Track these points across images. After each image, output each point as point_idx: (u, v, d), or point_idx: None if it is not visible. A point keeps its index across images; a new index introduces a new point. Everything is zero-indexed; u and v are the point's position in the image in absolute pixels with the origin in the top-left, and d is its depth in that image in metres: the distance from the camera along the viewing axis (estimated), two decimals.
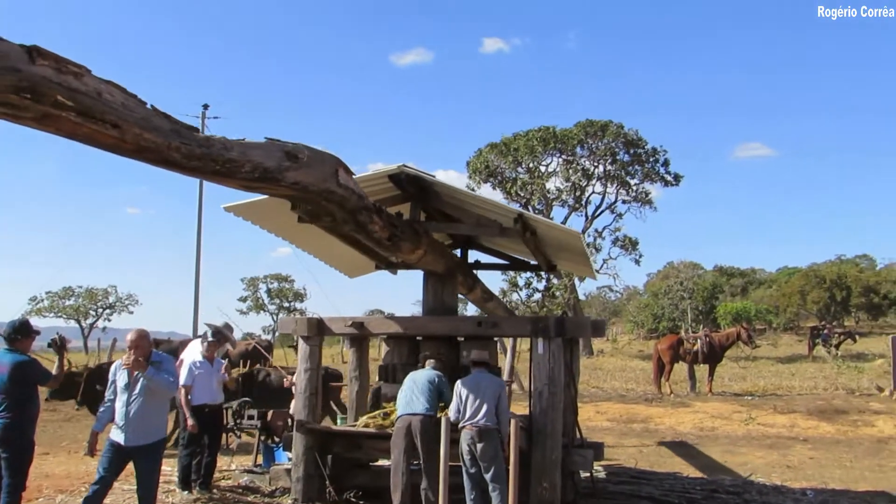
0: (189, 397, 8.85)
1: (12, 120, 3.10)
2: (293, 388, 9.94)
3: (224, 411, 9.73)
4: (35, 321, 8.90)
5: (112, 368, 6.80)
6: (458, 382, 7.78)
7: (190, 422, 8.74)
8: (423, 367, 8.33)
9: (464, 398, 7.56)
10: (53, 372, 7.23)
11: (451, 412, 7.57)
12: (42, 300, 57.29)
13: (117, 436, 6.51)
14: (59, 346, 7.23)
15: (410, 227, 7.45)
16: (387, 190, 8.60)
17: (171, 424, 12.62)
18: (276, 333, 59.64)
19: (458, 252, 10.61)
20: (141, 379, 6.47)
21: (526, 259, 11.67)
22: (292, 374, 12.65)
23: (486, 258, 11.43)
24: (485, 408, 7.42)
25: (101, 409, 6.76)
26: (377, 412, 8.94)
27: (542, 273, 24.08)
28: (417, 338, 9.24)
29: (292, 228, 8.66)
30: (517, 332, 9.38)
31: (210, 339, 9.35)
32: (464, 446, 7.44)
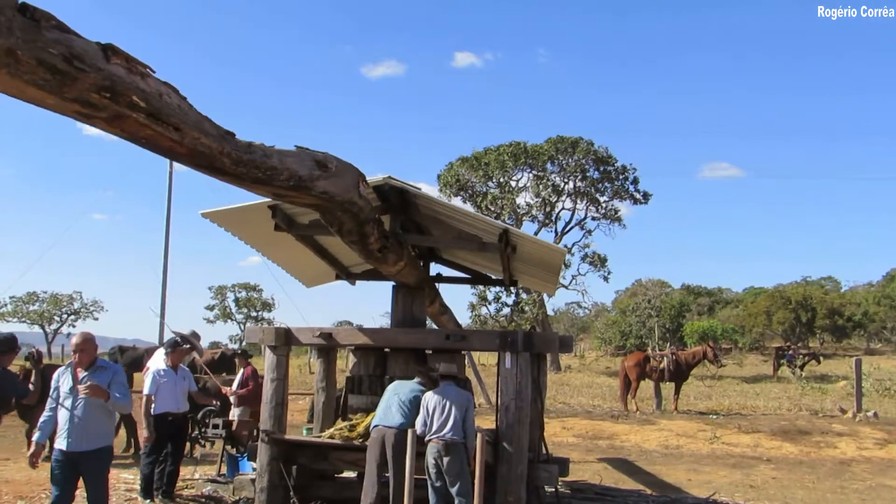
0: (153, 406, 8.77)
1: (84, 120, 3.00)
2: (231, 397, 9.85)
3: (188, 420, 9.61)
4: None
5: (56, 374, 6.55)
6: (425, 395, 7.77)
7: (146, 433, 8.67)
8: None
9: (430, 411, 7.55)
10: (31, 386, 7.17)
11: (418, 425, 7.54)
12: (6, 305, 56.47)
13: (61, 443, 6.29)
14: (35, 360, 7.20)
15: (396, 239, 7.46)
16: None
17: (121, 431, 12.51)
18: (243, 342, 59.32)
19: (420, 264, 10.63)
20: (84, 382, 6.27)
21: (488, 273, 11.71)
22: (229, 384, 12.59)
23: (447, 271, 11.42)
24: (451, 421, 7.42)
25: (43, 419, 6.45)
26: (343, 424, 8.90)
27: (511, 288, 24.19)
28: (385, 350, 9.23)
29: (261, 237, 8.64)
30: (485, 345, 9.37)
31: (172, 347, 9.26)
32: (430, 460, 7.42)
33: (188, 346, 10.02)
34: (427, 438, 7.47)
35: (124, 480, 9.90)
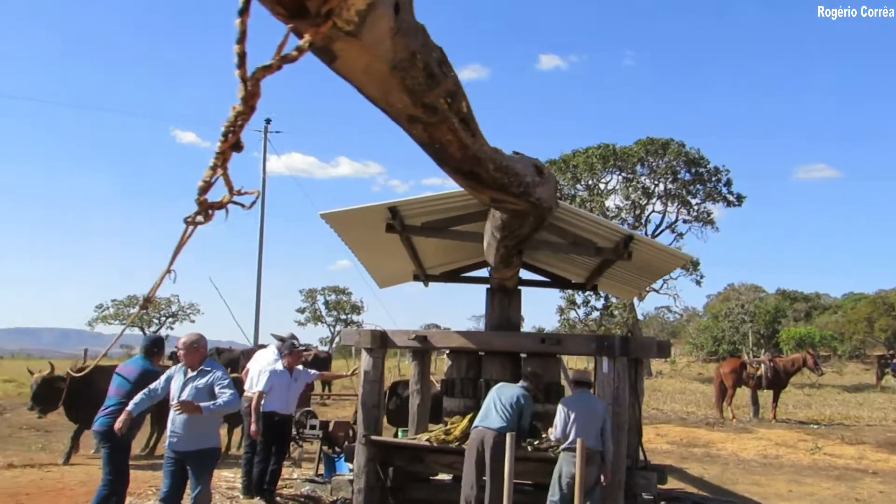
0: (262, 403, 8.94)
1: (410, 125, 2.87)
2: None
3: (292, 422, 9.73)
4: (100, 328, 9.34)
5: (171, 370, 7.00)
6: (562, 401, 7.65)
7: (253, 428, 8.83)
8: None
9: (570, 419, 7.37)
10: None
11: (556, 431, 7.41)
12: (107, 308, 58.70)
13: (169, 441, 6.71)
14: (178, 359, 7.64)
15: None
16: (467, 206, 8.52)
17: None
18: (333, 345, 60.24)
19: None
20: (189, 386, 6.65)
21: (565, 276, 11.56)
22: None
23: (525, 274, 11.25)
24: (592, 430, 7.28)
25: (143, 395, 6.91)
26: (439, 427, 8.94)
27: (600, 292, 23.91)
28: (479, 353, 9.23)
29: (356, 239, 8.74)
30: (580, 349, 9.28)
31: (290, 349, 9.41)
32: (565, 468, 7.26)
33: (304, 348, 10.22)
34: (564, 446, 7.33)
35: (225, 479, 10.14)
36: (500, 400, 7.76)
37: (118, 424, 6.69)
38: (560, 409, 7.54)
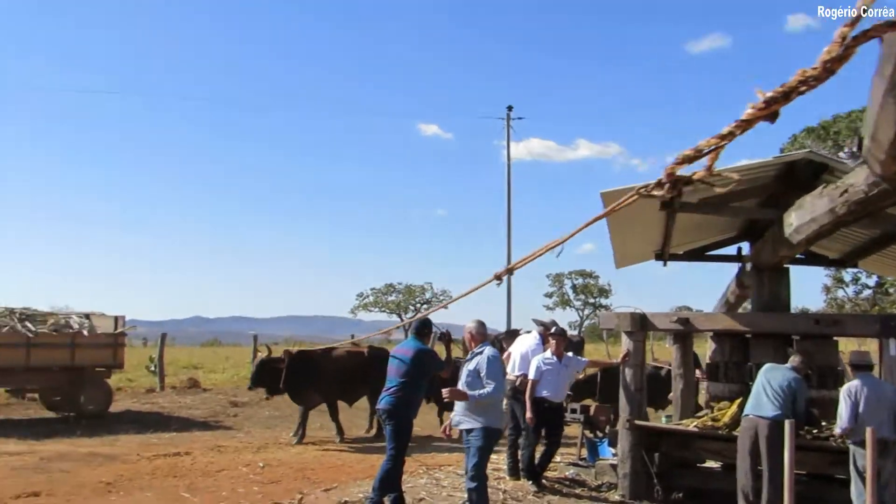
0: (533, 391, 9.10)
1: None
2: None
3: (564, 408, 9.72)
4: (361, 315, 9.96)
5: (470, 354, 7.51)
6: (845, 388, 7.12)
7: (529, 415, 8.98)
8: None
9: (860, 405, 6.85)
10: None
11: (844, 421, 6.90)
12: (368, 296, 62.44)
13: (454, 421, 7.38)
14: (447, 339, 8.16)
15: None
16: (755, 179, 8.18)
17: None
18: (582, 329, 60.20)
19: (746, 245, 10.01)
20: (465, 369, 7.33)
21: (821, 253, 10.66)
22: None
23: None
24: (884, 418, 6.75)
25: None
26: (705, 413, 8.66)
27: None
28: (745, 335, 8.80)
29: (620, 219, 8.58)
30: (861, 331, 8.58)
31: (561, 335, 9.49)
32: (859, 461, 6.79)
33: (569, 335, 10.31)
34: (857, 438, 6.82)
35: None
36: (769, 385, 7.32)
37: (447, 394, 7.22)
38: (844, 397, 6.98)
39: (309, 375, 12.46)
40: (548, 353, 9.24)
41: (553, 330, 9.54)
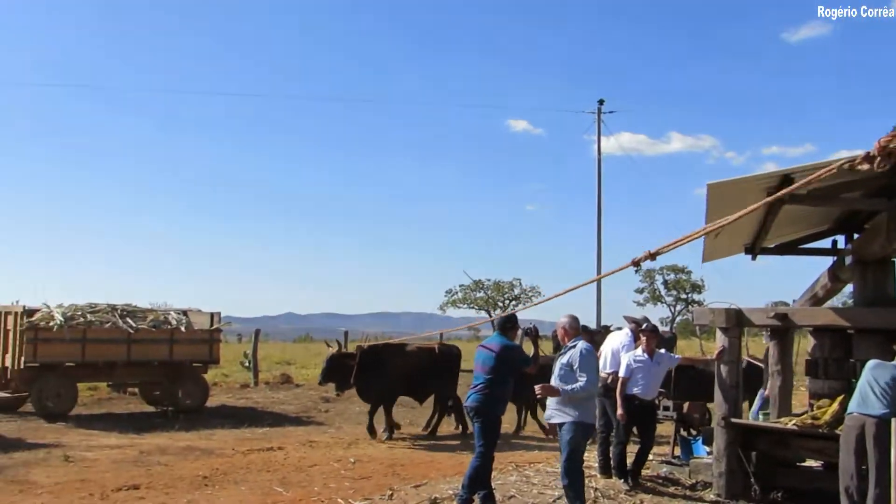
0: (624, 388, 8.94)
1: None
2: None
3: (656, 406, 9.50)
4: (450, 312, 9.93)
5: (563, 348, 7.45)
6: None
7: (620, 412, 8.83)
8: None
9: None
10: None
11: None
12: (456, 293, 62.63)
13: (546, 415, 7.42)
14: (534, 335, 8.13)
15: None
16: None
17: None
18: (674, 325, 59.07)
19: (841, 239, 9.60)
20: (558, 363, 7.29)
21: None
22: None
23: None
24: None
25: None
26: (804, 412, 8.37)
27: None
28: (848, 331, 8.44)
29: (721, 212, 8.33)
30: None
31: (653, 331, 9.29)
32: None
33: (661, 331, 10.11)
34: None
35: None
36: (877, 382, 6.97)
37: (539, 390, 7.17)
38: None
39: (379, 371, 12.43)
40: (639, 351, 9.06)
41: (644, 326, 9.35)
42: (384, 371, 12.51)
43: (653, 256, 5.97)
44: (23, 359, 13.81)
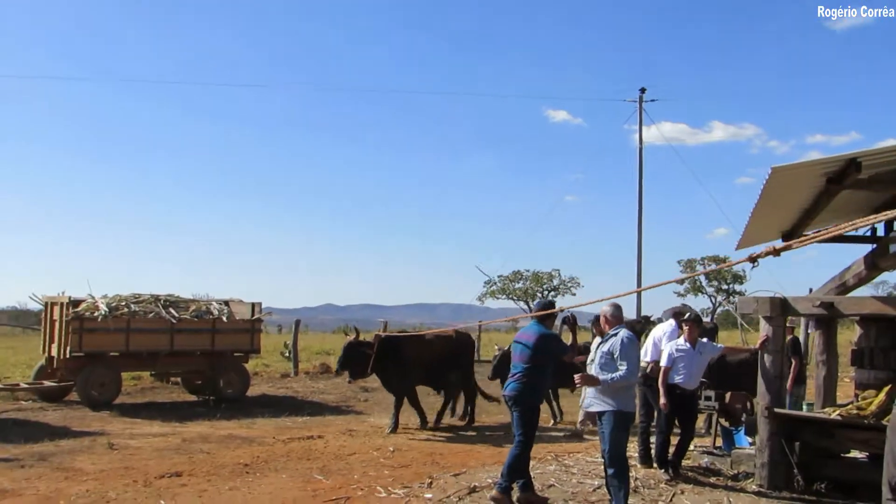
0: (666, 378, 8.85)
1: None
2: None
3: (696, 396, 9.38)
4: (489, 303, 9.92)
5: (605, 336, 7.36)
6: None
7: (662, 401, 8.75)
8: None
9: None
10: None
11: None
12: (495, 283, 62.53)
13: (586, 404, 7.30)
14: (571, 323, 8.10)
15: None
16: None
17: None
18: (714, 316, 58.38)
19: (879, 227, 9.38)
20: (598, 351, 7.23)
21: None
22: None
23: None
24: None
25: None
26: (849, 402, 8.23)
27: None
28: None
29: (775, 198, 8.18)
30: None
31: (696, 321, 9.19)
32: None
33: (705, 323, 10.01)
34: None
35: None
36: None
37: (578, 380, 7.07)
38: None
39: (397, 360, 12.28)
40: (680, 340, 8.96)
41: (687, 316, 9.24)
42: (402, 360, 12.37)
43: (777, 252, 5.74)
44: (68, 348, 14.08)
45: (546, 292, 62.57)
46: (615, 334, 7.09)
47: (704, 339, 9.24)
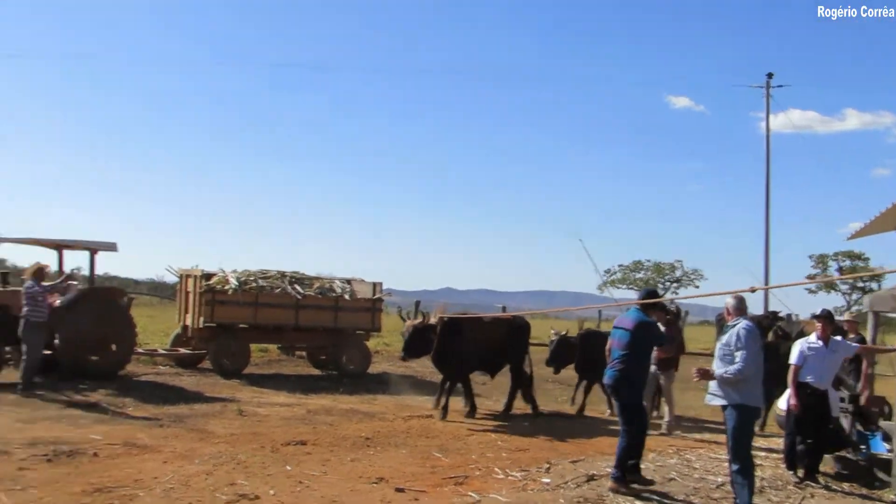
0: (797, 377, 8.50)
1: None
2: None
3: (827, 396, 8.94)
4: (609, 292, 9.80)
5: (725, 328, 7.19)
6: None
7: (792, 401, 8.42)
8: None
9: None
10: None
11: None
12: (615, 273, 61.68)
13: (707, 396, 7.15)
14: (675, 316, 7.99)
15: None
16: None
17: None
18: (844, 314, 55.66)
19: None
20: (720, 342, 7.06)
21: None
22: None
23: None
24: None
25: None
26: None
27: None
28: None
29: None
30: None
31: (828, 318, 8.78)
32: None
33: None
34: None
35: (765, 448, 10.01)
36: None
37: (696, 374, 6.97)
38: None
39: (457, 344, 11.84)
40: (812, 338, 8.57)
41: (819, 312, 8.84)
42: (460, 343, 11.92)
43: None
44: (201, 318, 14.73)
45: (668, 283, 61.28)
46: (734, 326, 6.91)
47: (838, 338, 8.81)
